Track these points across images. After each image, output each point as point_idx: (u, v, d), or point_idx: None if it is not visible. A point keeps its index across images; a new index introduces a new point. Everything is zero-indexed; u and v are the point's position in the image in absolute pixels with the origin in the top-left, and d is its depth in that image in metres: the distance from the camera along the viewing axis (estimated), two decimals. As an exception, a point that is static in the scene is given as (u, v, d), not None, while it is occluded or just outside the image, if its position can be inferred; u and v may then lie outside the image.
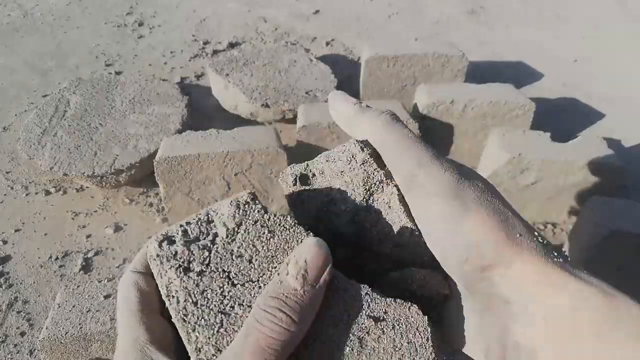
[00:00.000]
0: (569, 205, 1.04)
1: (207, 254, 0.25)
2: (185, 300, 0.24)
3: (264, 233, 0.26)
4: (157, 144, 1.10)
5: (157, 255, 0.25)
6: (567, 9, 2.13)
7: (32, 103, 1.51)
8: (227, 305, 0.24)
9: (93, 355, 0.73)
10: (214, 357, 0.23)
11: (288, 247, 0.26)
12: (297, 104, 1.24)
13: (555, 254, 0.22)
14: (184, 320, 0.24)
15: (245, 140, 1.01)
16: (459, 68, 1.33)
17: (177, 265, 0.25)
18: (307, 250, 0.24)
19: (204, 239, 0.25)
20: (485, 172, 1.05)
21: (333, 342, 0.24)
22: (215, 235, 0.25)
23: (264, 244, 0.25)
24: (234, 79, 1.33)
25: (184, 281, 0.24)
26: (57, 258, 0.99)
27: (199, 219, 0.26)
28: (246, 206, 0.26)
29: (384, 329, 0.24)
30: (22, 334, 0.85)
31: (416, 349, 0.24)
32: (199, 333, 0.24)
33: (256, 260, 0.25)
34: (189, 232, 0.25)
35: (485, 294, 0.23)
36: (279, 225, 0.26)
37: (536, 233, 0.23)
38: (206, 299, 0.24)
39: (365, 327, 0.25)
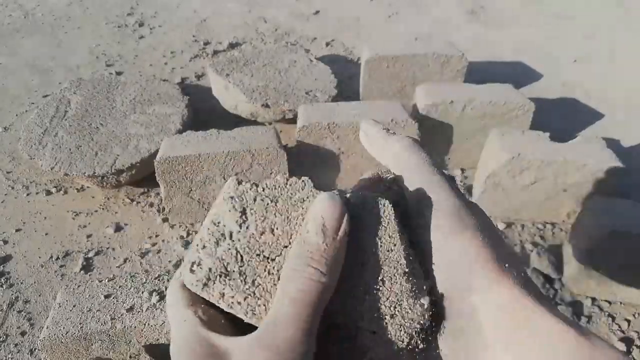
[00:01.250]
0: (569, 205, 1.04)
1: (234, 252, 0.26)
2: (245, 299, 0.25)
3: (267, 203, 0.26)
4: (157, 144, 1.10)
5: (197, 281, 0.25)
6: (567, 9, 2.13)
7: (33, 103, 1.51)
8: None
9: (93, 355, 0.73)
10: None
11: (295, 201, 0.27)
12: (297, 104, 1.24)
13: (536, 292, 0.24)
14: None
15: (246, 141, 1.01)
16: (459, 68, 1.33)
17: (216, 277, 0.25)
18: (321, 206, 0.25)
19: (224, 242, 0.26)
20: (484, 172, 1.05)
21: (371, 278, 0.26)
22: (230, 233, 0.26)
23: (274, 211, 0.26)
24: (234, 79, 1.33)
25: (230, 287, 0.25)
26: (57, 258, 0.99)
27: (209, 230, 0.26)
28: (237, 191, 0.27)
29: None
30: (23, 333, 0.85)
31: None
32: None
33: (277, 227, 0.26)
34: (209, 247, 0.26)
35: (462, 319, 0.24)
36: (275, 189, 0.27)
37: (523, 270, 0.25)
38: (260, 287, 0.25)
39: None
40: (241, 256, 0.25)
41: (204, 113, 1.39)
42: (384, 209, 0.27)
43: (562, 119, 1.46)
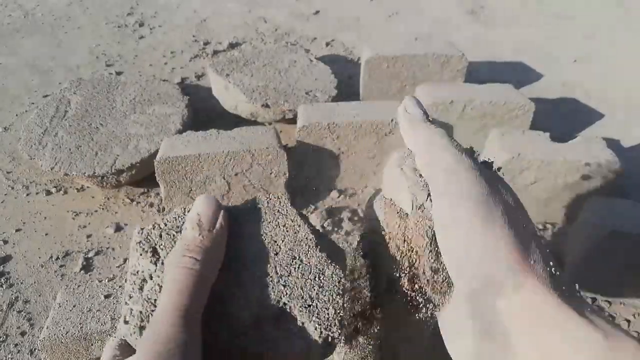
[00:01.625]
0: (569, 205, 1.04)
1: (157, 287, 0.27)
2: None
3: (173, 235, 0.28)
4: (157, 144, 1.10)
5: (133, 328, 0.26)
6: (567, 9, 2.13)
7: (33, 103, 1.51)
8: None
9: (93, 355, 0.73)
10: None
11: None
12: (297, 104, 1.24)
13: (564, 287, 0.22)
14: None
15: (246, 141, 1.01)
16: (459, 68, 1.33)
17: (147, 317, 0.26)
18: (197, 205, 0.28)
19: (147, 285, 0.27)
20: (485, 172, 1.05)
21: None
22: (150, 274, 0.28)
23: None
24: (234, 79, 1.33)
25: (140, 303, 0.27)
26: (57, 258, 0.99)
27: (131, 281, 0.28)
28: (142, 235, 0.29)
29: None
30: (23, 333, 0.85)
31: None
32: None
33: None
34: (135, 295, 0.27)
35: (487, 321, 0.23)
36: (176, 220, 0.29)
37: (551, 263, 0.23)
38: None
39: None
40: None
41: (204, 113, 1.39)
42: (278, 201, 0.30)
43: (562, 119, 1.46)
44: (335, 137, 1.07)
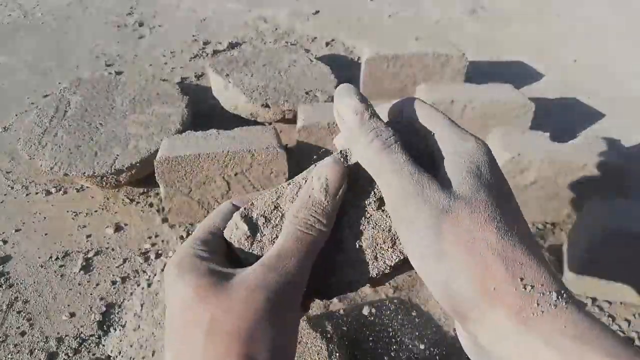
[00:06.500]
0: (569, 205, 1.04)
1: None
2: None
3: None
4: (157, 144, 1.10)
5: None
6: (567, 8, 2.13)
7: (33, 103, 1.51)
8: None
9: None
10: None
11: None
12: (297, 104, 1.24)
13: (538, 303, 0.21)
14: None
15: (245, 140, 1.01)
16: (459, 68, 1.33)
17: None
18: (326, 167, 0.28)
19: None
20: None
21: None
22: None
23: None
24: (234, 79, 1.33)
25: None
26: (57, 258, 0.99)
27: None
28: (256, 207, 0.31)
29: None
30: (23, 333, 0.85)
31: None
32: None
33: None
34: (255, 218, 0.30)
35: (471, 334, 0.23)
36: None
37: (519, 279, 0.22)
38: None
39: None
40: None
41: (203, 113, 1.39)
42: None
43: (562, 119, 1.46)
44: (335, 137, 1.07)
